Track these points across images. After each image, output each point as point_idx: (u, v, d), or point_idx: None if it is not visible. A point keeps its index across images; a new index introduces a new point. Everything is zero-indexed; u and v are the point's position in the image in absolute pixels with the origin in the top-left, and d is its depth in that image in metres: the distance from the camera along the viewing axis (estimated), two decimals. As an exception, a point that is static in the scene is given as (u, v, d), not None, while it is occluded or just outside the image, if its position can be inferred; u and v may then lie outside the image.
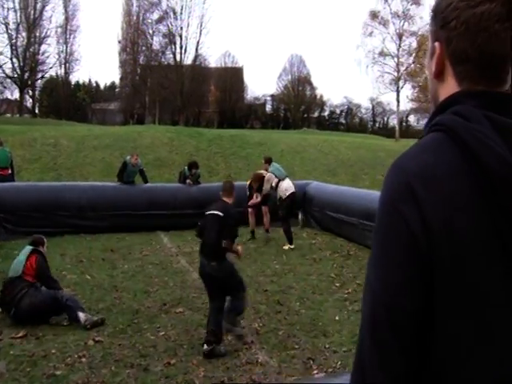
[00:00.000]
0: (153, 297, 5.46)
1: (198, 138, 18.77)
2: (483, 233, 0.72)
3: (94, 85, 56.41)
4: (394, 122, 55.43)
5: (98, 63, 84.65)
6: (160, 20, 42.56)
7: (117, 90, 53.28)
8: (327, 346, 4.11)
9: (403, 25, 38.47)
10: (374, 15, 39.06)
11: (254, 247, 8.32)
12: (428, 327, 0.72)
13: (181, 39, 41.81)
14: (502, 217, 0.71)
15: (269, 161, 9.23)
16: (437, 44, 0.84)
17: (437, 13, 0.84)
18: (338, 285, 6.01)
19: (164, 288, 5.78)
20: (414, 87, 38.21)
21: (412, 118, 66.65)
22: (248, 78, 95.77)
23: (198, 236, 4.47)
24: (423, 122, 68.86)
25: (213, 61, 54.67)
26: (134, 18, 44.31)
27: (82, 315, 4.53)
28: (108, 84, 59.01)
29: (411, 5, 38.06)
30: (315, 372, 3.62)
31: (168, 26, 41.85)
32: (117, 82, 52.69)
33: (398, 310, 0.72)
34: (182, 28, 41.71)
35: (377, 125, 67.33)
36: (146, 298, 5.43)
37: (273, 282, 6.14)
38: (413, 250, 0.72)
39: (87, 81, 54.60)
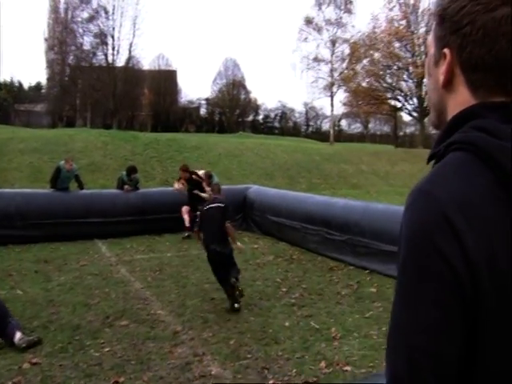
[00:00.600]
0: (94, 310, 5.17)
1: (133, 142, 18.25)
2: None
3: (17, 84, 53.36)
4: (326, 126, 57.15)
5: (22, 61, 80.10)
6: (90, 19, 41.01)
7: (43, 90, 50.70)
8: (280, 354, 4.08)
9: (336, 32, 39.93)
10: (308, 21, 40.29)
11: (196, 254, 8.16)
12: (469, 368, 0.67)
13: (113, 40, 40.56)
14: None
15: (209, 176, 9.06)
16: (447, 50, 0.78)
17: (445, 17, 0.78)
18: (284, 290, 6.02)
19: (105, 300, 5.50)
20: (346, 92, 39.65)
21: (344, 123, 69.28)
22: (182, 81, 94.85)
23: (200, 228, 5.56)
24: (354, 126, 71.66)
25: (146, 63, 53.76)
26: (62, 15, 42.41)
27: (16, 334, 4.18)
28: (33, 84, 56.08)
29: (344, 13, 39.65)
30: (271, 382, 3.57)
31: (99, 25, 40.48)
32: (43, 82, 50.20)
33: (441, 356, 0.66)
34: (114, 28, 40.49)
35: (310, 129, 69.17)
36: (86, 311, 5.13)
37: (219, 289, 6.01)
38: (456, 290, 0.66)
39: (9, 80, 51.53)
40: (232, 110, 62.32)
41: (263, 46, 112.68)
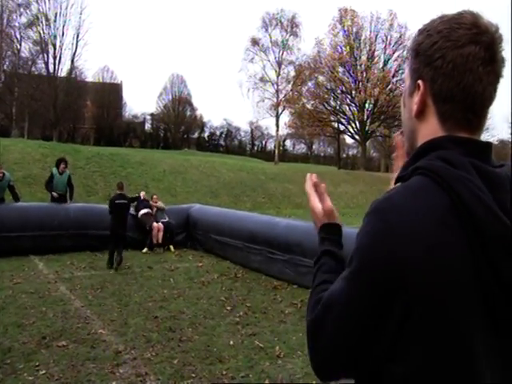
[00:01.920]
0: (29, 330, 4.91)
1: (74, 156, 17.67)
2: (466, 286, 0.73)
3: None
4: (271, 145, 58.08)
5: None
6: (29, 25, 39.27)
7: (-25, 97, 47.97)
8: (224, 373, 4.07)
9: (282, 54, 40.94)
10: (254, 42, 41.02)
11: (139, 271, 8.00)
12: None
13: (54, 49, 39.13)
14: (489, 271, 0.73)
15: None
16: (420, 82, 0.85)
17: (419, 51, 0.85)
18: (228, 308, 6.02)
19: (42, 319, 5.24)
20: (291, 114, 40.56)
21: (288, 143, 70.65)
22: (127, 95, 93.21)
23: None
24: (299, 146, 73.20)
25: (90, 75, 52.26)
26: (-4, 17, 40.36)
27: None
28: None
29: (289, 36, 40.75)
30: (216, 401, 3.56)
31: (39, 32, 38.93)
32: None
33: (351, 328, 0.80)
34: (55, 37, 39.11)
35: (255, 148, 69.94)
36: (20, 332, 4.85)
37: (162, 307, 5.94)
38: (385, 302, 0.76)
39: None
40: (177, 126, 61.93)
41: (210, 63, 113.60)
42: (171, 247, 10.00)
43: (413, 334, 0.74)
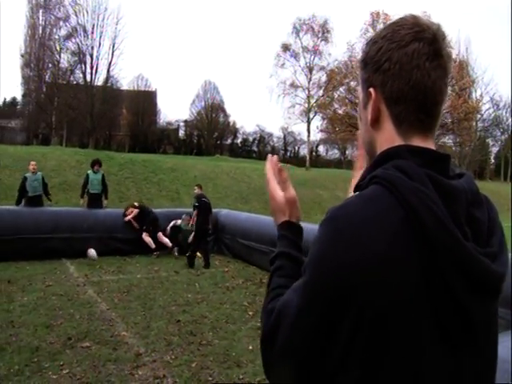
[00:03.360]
0: (56, 331, 5.09)
1: (108, 162, 18.11)
2: (415, 296, 0.73)
3: (-9, 99, 52.63)
4: (304, 151, 57.91)
5: (-4, 77, 79.08)
6: (68, 37, 40.74)
7: (18, 106, 50.11)
8: (241, 377, 4.10)
9: (313, 59, 40.79)
10: (285, 48, 41.04)
11: (166, 276, 8.13)
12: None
13: (91, 59, 40.51)
14: (437, 280, 0.73)
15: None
16: (371, 89, 0.85)
17: (367, 60, 0.86)
18: (251, 313, 6.05)
19: (69, 321, 5.42)
20: (323, 119, 40.32)
21: (321, 148, 70.25)
22: (161, 103, 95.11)
23: None
24: (332, 152, 72.67)
25: (125, 83, 53.71)
26: (40, 31, 42.14)
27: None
28: (8, 100, 55.37)
29: (321, 41, 40.58)
30: (229, 404, 3.59)
31: (78, 44, 40.35)
32: (18, 97, 49.65)
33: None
34: (93, 47, 40.47)
35: (288, 154, 69.85)
36: (48, 332, 5.04)
37: (185, 311, 6.03)
38: (335, 309, 0.74)
39: (-18, 94, 50.87)
40: (210, 132, 62.59)
41: (242, 69, 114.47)
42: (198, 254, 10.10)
43: (363, 344, 0.73)
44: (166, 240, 9.95)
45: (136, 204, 10.51)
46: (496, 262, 0.77)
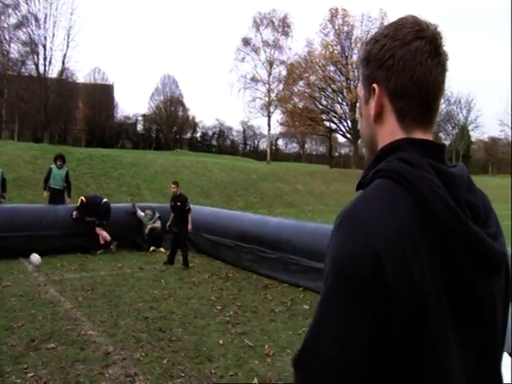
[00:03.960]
0: (17, 333, 4.89)
1: (66, 158, 17.54)
2: (437, 281, 0.76)
3: None
4: (264, 145, 58.09)
5: None
6: (18, 26, 38.75)
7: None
8: (213, 372, 4.08)
9: (274, 53, 40.91)
10: (246, 42, 40.95)
11: (130, 272, 7.99)
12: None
13: (45, 50, 38.73)
14: (450, 263, 0.77)
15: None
16: (375, 85, 0.89)
17: (370, 57, 0.90)
18: (219, 308, 6.03)
19: (31, 322, 5.22)
20: (283, 112, 40.56)
21: (281, 142, 70.75)
22: (119, 96, 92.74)
23: None
24: (291, 145, 73.33)
25: (81, 76, 52.01)
26: (-15, 19, 39.93)
27: None
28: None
29: (281, 35, 40.74)
30: (204, 399, 3.57)
31: (29, 33, 38.52)
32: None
33: (351, 367, 0.73)
34: (46, 38, 38.73)
35: (248, 147, 69.93)
36: (8, 335, 4.83)
37: (153, 308, 5.95)
38: (370, 308, 0.73)
39: None
40: (169, 126, 61.73)
41: (201, 63, 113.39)
42: (161, 249, 10.01)
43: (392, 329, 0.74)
44: (105, 234, 9.53)
45: (82, 197, 9.82)
46: (496, 242, 0.83)
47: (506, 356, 1.70)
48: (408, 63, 0.84)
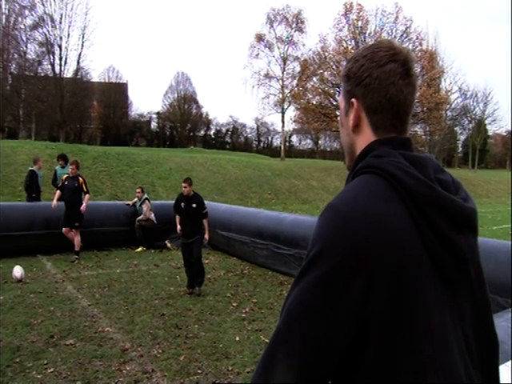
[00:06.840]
0: (37, 329, 4.96)
1: (81, 156, 17.72)
2: (416, 247, 0.83)
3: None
4: (277, 141, 58.04)
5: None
6: (35, 26, 39.23)
7: (-17, 100, 48.27)
8: (230, 369, 4.09)
9: (287, 49, 40.71)
10: (259, 38, 40.80)
11: (146, 269, 8.04)
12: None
13: (60, 50, 39.14)
14: (428, 230, 0.84)
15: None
16: (354, 100, 1.00)
17: (350, 75, 1.02)
18: (235, 304, 6.04)
19: (50, 319, 5.30)
20: (297, 109, 40.36)
21: (294, 139, 70.52)
22: (133, 95, 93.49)
23: None
24: (305, 142, 73.04)
25: (96, 75, 52.41)
26: (3, 20, 40.51)
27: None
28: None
29: (295, 31, 40.50)
30: (221, 396, 3.58)
31: (45, 34, 38.92)
32: (-17, 91, 47.79)
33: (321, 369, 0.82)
34: (61, 38, 39.09)
35: (261, 144, 69.83)
36: (28, 331, 4.91)
37: (169, 305, 5.98)
38: (348, 298, 0.80)
39: None
40: (183, 124, 61.93)
41: (215, 60, 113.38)
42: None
43: (377, 300, 0.80)
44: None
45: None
46: (468, 202, 0.93)
47: (503, 367, 1.67)
48: (382, 83, 0.96)
